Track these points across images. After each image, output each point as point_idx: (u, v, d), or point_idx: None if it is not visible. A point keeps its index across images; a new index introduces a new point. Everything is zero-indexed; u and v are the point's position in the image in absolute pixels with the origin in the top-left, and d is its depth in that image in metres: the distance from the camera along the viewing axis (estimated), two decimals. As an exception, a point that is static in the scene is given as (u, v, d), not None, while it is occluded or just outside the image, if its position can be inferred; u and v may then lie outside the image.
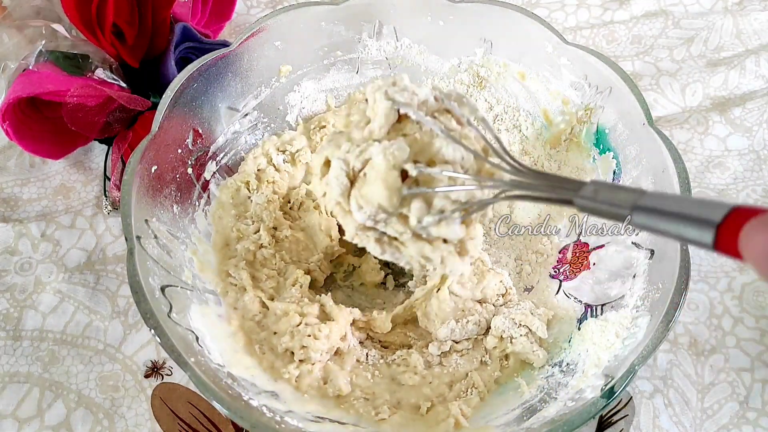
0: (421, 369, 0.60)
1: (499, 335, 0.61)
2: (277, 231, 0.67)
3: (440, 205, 0.44)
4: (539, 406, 0.53)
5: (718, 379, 0.64)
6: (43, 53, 0.71)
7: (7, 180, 0.77)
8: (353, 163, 0.45)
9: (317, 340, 0.57)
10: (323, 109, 0.75)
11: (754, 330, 0.66)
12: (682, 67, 0.85)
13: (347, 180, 0.46)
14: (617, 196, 0.36)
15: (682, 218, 0.32)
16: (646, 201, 0.34)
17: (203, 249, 0.63)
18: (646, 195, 0.35)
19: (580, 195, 0.38)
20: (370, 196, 0.44)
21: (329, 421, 0.54)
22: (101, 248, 0.72)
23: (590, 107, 0.65)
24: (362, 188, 0.45)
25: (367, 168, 0.45)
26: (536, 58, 0.67)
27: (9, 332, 0.66)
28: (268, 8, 0.92)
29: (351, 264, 0.71)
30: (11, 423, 0.62)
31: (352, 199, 0.45)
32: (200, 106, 0.64)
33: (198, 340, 0.52)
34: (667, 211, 0.33)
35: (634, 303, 0.55)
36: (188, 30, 0.75)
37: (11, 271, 0.70)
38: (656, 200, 0.34)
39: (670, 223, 0.33)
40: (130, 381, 0.64)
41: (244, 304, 0.61)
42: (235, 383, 0.52)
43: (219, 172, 0.68)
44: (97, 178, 0.77)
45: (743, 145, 0.78)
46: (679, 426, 0.61)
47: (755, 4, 0.90)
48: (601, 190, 0.37)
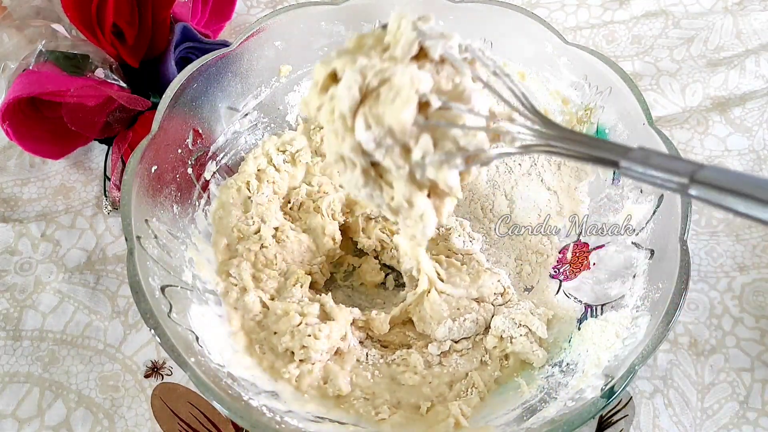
0: (421, 369, 0.60)
1: (498, 335, 0.61)
2: (279, 231, 0.67)
3: (447, 148, 0.42)
4: (539, 406, 0.53)
5: (718, 379, 0.64)
6: (43, 53, 0.71)
7: (7, 180, 0.77)
8: (370, 78, 0.42)
9: (318, 340, 0.57)
10: (323, 109, 0.75)
11: (754, 330, 0.66)
12: (682, 67, 0.85)
13: (359, 95, 0.42)
14: (672, 164, 0.34)
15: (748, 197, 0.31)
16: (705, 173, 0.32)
17: (203, 249, 0.63)
18: (705, 168, 0.33)
19: (629, 157, 0.35)
20: (384, 116, 0.41)
21: (329, 421, 0.54)
22: (101, 248, 0.72)
23: (590, 107, 0.65)
24: (375, 107, 0.42)
25: (384, 88, 0.41)
26: (536, 58, 0.67)
27: (9, 332, 0.66)
28: (268, 8, 0.92)
29: (351, 264, 0.71)
30: (11, 423, 0.62)
31: (360, 116, 0.42)
32: (200, 106, 0.64)
33: (198, 340, 0.52)
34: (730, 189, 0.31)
35: (634, 303, 0.55)
36: (188, 30, 0.75)
37: (11, 271, 0.70)
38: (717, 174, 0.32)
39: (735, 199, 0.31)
40: (130, 381, 0.64)
41: (244, 304, 0.61)
42: (235, 383, 0.52)
43: (219, 172, 0.68)
44: (97, 178, 0.77)
45: (743, 145, 0.78)
46: (679, 426, 0.61)
47: (755, 4, 0.90)
48: (651, 156, 0.35)
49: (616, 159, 0.36)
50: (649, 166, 0.34)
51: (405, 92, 0.40)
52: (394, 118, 0.41)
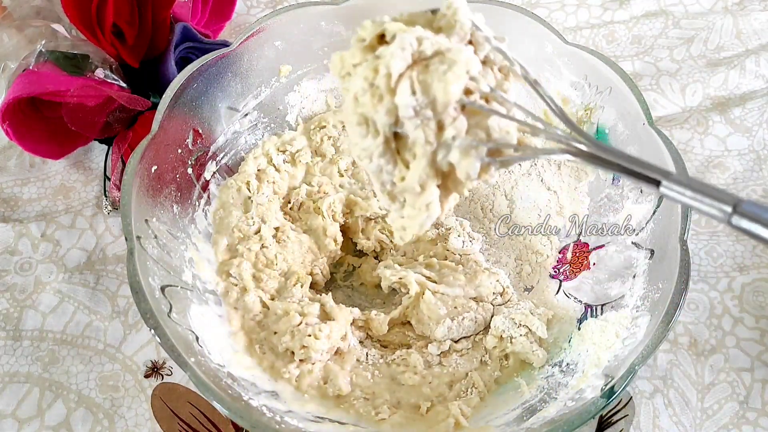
0: (421, 369, 0.60)
1: (498, 335, 0.61)
2: (279, 232, 0.67)
3: (479, 136, 0.41)
4: (539, 406, 0.53)
5: (718, 379, 0.64)
6: (43, 53, 0.71)
7: (7, 180, 0.77)
8: (425, 46, 0.41)
9: (318, 340, 0.57)
10: (323, 109, 0.75)
11: (754, 330, 0.66)
12: (682, 67, 0.85)
13: (411, 59, 0.41)
14: (715, 192, 0.35)
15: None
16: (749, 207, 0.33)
17: (203, 249, 0.63)
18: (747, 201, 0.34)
19: (673, 179, 0.36)
20: (432, 86, 0.40)
21: (329, 421, 0.54)
22: (101, 248, 0.72)
23: (590, 107, 0.65)
24: (423, 75, 0.41)
25: (436, 59, 0.41)
26: (536, 58, 0.67)
27: (9, 332, 0.66)
28: (268, 8, 0.92)
29: (351, 264, 0.71)
30: (11, 423, 0.62)
31: (406, 79, 0.41)
32: (200, 106, 0.64)
33: (198, 340, 0.52)
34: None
35: (634, 303, 0.55)
36: (188, 30, 0.75)
37: (11, 271, 0.70)
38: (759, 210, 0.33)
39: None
40: (130, 381, 0.64)
41: (244, 304, 0.61)
42: (235, 383, 0.52)
43: (219, 172, 0.68)
44: (97, 178, 0.77)
45: (743, 145, 0.78)
46: (679, 426, 0.61)
47: (755, 4, 0.90)
48: (693, 182, 0.35)
49: (658, 178, 0.36)
50: (692, 189, 0.35)
51: (458, 67, 0.40)
52: (441, 90, 0.40)
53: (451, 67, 0.40)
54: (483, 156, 0.41)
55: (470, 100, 0.41)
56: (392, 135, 0.43)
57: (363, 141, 0.44)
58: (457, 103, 0.41)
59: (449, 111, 0.41)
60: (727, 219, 0.34)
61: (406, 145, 0.43)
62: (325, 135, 0.73)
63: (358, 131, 0.44)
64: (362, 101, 0.43)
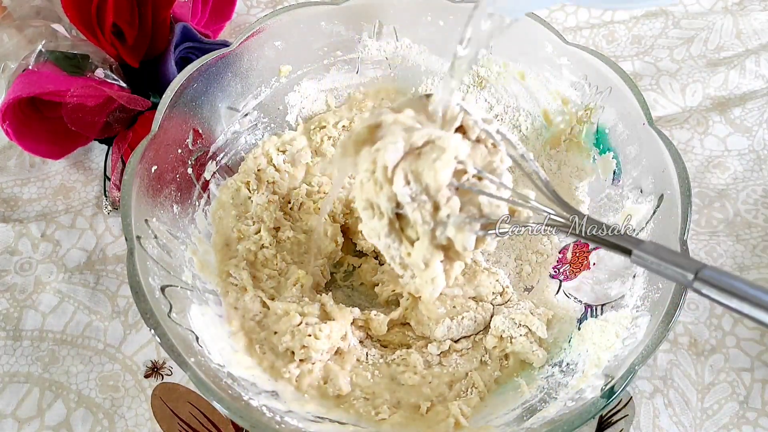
0: (420, 369, 0.60)
1: (498, 335, 0.61)
2: (279, 232, 0.67)
3: (471, 212, 0.46)
4: (539, 406, 0.53)
5: (718, 379, 0.64)
6: (43, 53, 0.71)
7: (7, 180, 0.77)
8: (416, 138, 0.45)
9: (318, 340, 0.57)
10: (323, 109, 0.75)
11: (754, 330, 0.66)
12: (682, 67, 0.85)
13: (403, 151, 0.45)
14: (679, 260, 0.38)
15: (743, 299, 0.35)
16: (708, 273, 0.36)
17: (203, 249, 0.63)
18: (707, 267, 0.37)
19: (642, 249, 0.40)
20: (423, 174, 0.45)
21: (329, 421, 0.54)
22: (101, 248, 0.72)
23: (590, 107, 0.65)
24: (415, 164, 0.45)
25: (427, 148, 0.45)
26: (536, 58, 0.67)
27: (9, 332, 0.66)
28: (268, 8, 0.92)
29: (351, 264, 0.71)
30: (11, 423, 0.62)
31: (400, 170, 0.45)
32: (200, 106, 0.64)
33: (198, 340, 0.52)
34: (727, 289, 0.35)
35: (634, 303, 0.55)
36: (188, 30, 0.75)
37: (11, 271, 0.70)
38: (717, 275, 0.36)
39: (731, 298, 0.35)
40: (130, 381, 0.64)
41: (244, 304, 0.61)
42: (235, 383, 0.52)
43: (219, 172, 0.68)
44: (97, 178, 0.77)
45: (743, 145, 0.78)
46: (679, 426, 0.61)
47: (755, 4, 0.90)
48: (661, 250, 0.39)
49: (629, 248, 0.40)
50: (659, 258, 0.39)
51: (447, 155, 0.44)
52: (432, 177, 0.44)
53: (440, 156, 0.44)
54: (477, 230, 0.46)
55: (460, 183, 0.45)
56: (395, 216, 0.47)
57: (370, 222, 0.49)
58: (449, 186, 0.45)
59: (443, 193, 0.45)
60: (690, 284, 0.37)
61: (409, 223, 0.47)
62: (325, 135, 0.73)
63: (365, 214, 0.49)
64: (366, 188, 0.48)
